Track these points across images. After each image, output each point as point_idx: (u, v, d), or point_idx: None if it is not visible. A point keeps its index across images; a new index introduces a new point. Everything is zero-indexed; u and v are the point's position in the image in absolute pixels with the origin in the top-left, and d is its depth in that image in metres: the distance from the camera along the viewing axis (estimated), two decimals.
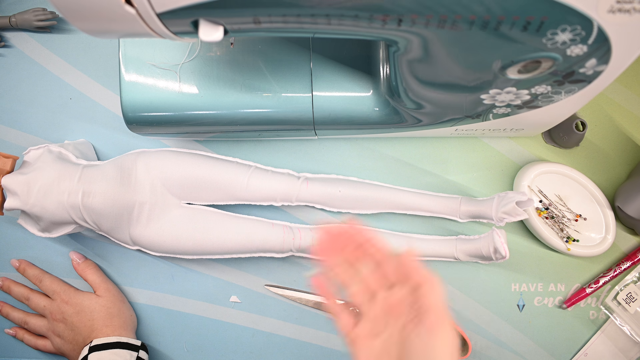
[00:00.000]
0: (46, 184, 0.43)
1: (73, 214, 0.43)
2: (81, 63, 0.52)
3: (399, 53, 0.34)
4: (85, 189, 0.43)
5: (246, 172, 0.46)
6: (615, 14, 0.26)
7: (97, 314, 0.47)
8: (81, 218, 0.44)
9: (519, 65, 0.31)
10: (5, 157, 0.44)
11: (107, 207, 0.43)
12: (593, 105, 0.50)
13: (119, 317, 0.48)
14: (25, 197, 0.43)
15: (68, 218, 0.44)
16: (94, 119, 0.52)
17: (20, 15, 0.50)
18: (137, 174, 0.44)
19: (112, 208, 0.43)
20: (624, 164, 0.50)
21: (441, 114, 0.42)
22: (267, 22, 0.27)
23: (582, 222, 0.47)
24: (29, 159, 0.46)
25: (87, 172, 0.44)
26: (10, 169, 0.44)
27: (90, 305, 0.47)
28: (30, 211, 0.44)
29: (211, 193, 0.46)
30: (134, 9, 0.25)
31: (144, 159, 0.45)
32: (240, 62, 0.42)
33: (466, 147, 0.51)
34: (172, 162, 0.45)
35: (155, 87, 0.42)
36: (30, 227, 0.46)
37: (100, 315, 0.47)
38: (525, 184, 0.48)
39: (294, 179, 0.47)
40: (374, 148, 0.51)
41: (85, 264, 0.50)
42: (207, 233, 0.45)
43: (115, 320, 0.47)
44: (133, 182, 0.44)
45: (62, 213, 0.43)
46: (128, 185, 0.44)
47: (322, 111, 0.43)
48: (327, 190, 0.46)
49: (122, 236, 0.45)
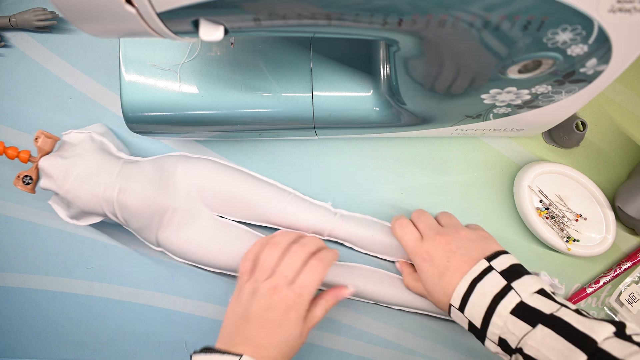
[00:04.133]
0: (84, 173, 0.43)
1: (105, 208, 0.43)
2: (81, 63, 0.52)
3: (399, 53, 0.34)
4: (122, 186, 0.43)
5: (284, 198, 0.46)
6: (615, 13, 0.26)
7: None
8: (112, 213, 0.44)
9: (519, 65, 0.31)
10: (48, 137, 0.45)
11: (141, 207, 0.43)
12: (593, 105, 0.50)
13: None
14: (61, 181, 0.43)
15: (99, 210, 0.44)
16: (94, 119, 0.52)
17: (20, 15, 0.50)
18: (176, 179, 0.44)
19: (145, 209, 0.43)
20: (624, 164, 0.50)
21: (441, 114, 0.42)
22: (267, 21, 0.27)
23: (583, 222, 0.47)
24: (69, 140, 0.45)
25: (126, 169, 0.44)
26: (49, 150, 0.45)
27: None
28: (64, 196, 0.43)
29: (246, 211, 0.45)
30: (134, 9, 0.25)
31: (185, 165, 0.45)
32: (240, 62, 0.42)
33: (466, 147, 0.51)
34: (212, 174, 0.45)
35: (156, 87, 0.42)
36: (60, 211, 0.46)
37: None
38: (525, 184, 0.48)
39: (330, 214, 0.47)
40: (374, 148, 0.51)
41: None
42: (233, 249, 0.45)
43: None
44: (170, 187, 0.44)
45: (94, 204, 0.43)
46: (165, 189, 0.44)
47: (322, 111, 0.43)
48: (361, 231, 0.46)
49: (149, 236, 0.45)
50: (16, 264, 0.52)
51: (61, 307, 0.52)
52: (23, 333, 0.52)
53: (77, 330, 0.52)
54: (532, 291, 0.36)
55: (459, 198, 0.50)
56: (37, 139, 0.45)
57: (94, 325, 0.52)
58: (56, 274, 0.52)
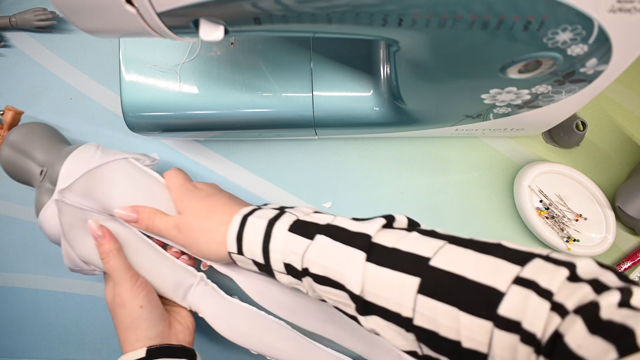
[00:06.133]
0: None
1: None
2: (81, 63, 0.52)
3: (399, 53, 0.34)
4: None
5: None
6: (615, 13, 0.26)
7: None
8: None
9: (519, 65, 0.31)
10: (9, 110, 0.46)
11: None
12: (593, 105, 0.50)
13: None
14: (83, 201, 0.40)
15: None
16: (94, 119, 0.52)
17: (20, 15, 0.50)
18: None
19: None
20: (624, 164, 0.50)
21: (441, 113, 0.42)
22: (267, 21, 0.27)
23: (583, 222, 0.47)
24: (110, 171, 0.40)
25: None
26: (11, 122, 0.46)
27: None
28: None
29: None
30: (134, 9, 0.25)
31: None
32: (240, 62, 0.42)
33: (466, 147, 0.51)
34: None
35: (156, 87, 0.42)
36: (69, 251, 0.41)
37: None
38: (525, 184, 0.48)
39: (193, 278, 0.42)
40: (374, 148, 0.51)
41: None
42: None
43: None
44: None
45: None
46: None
47: (323, 111, 0.43)
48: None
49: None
50: (16, 264, 0.52)
51: (61, 307, 0.52)
52: (23, 333, 0.52)
53: (77, 330, 0.52)
54: (307, 212, 0.35)
55: (458, 198, 0.50)
56: (3, 112, 0.46)
57: (94, 325, 0.51)
58: (56, 274, 0.52)
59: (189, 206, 0.38)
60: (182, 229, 0.38)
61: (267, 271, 0.35)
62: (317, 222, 0.33)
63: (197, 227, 0.37)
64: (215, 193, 0.39)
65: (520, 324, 0.22)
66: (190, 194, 0.39)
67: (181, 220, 0.38)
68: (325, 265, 0.31)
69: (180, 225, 0.38)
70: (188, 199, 0.39)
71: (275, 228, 0.34)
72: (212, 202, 0.38)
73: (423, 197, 0.50)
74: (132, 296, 0.38)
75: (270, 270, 0.35)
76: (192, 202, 0.38)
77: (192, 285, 0.41)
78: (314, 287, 0.32)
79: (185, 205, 0.38)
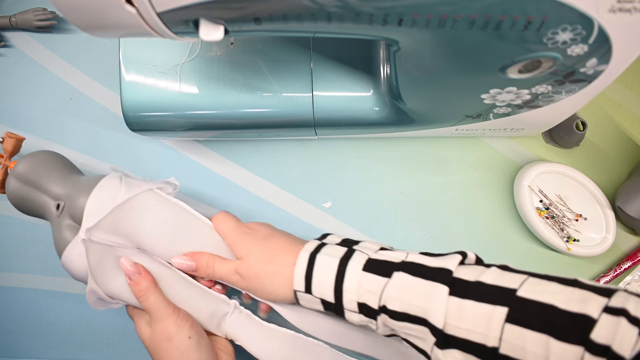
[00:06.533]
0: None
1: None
2: (81, 63, 0.52)
3: (399, 52, 0.34)
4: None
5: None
6: (615, 13, 0.26)
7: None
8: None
9: (519, 65, 0.31)
10: (10, 137, 0.42)
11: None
12: (593, 105, 0.50)
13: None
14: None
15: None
16: (94, 119, 0.52)
17: (20, 15, 0.50)
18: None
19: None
20: (624, 164, 0.50)
21: (441, 113, 0.42)
22: (267, 21, 0.27)
23: (583, 222, 0.47)
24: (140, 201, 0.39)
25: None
26: (12, 150, 0.42)
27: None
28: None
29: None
30: (134, 9, 0.25)
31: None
32: (240, 62, 0.42)
33: (466, 147, 0.51)
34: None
35: (155, 87, 0.42)
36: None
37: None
38: (525, 183, 0.48)
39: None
40: (374, 148, 0.51)
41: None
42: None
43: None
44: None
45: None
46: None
47: (323, 111, 0.43)
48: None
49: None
50: (16, 264, 0.52)
51: (61, 307, 0.52)
52: (23, 333, 0.52)
53: (77, 330, 0.52)
54: (375, 249, 0.35)
55: (458, 198, 0.50)
56: (3, 140, 0.42)
57: (94, 325, 0.51)
58: (56, 274, 0.52)
59: (248, 252, 0.37)
60: (245, 275, 0.37)
61: (336, 310, 0.35)
62: (391, 260, 0.33)
63: (260, 272, 0.36)
64: (273, 234, 0.38)
65: (610, 347, 0.24)
66: (248, 237, 0.38)
67: (242, 266, 0.37)
68: (405, 301, 0.31)
69: (242, 271, 0.37)
70: (247, 242, 0.37)
71: (349, 268, 0.33)
72: (272, 245, 0.37)
73: (423, 197, 0.50)
74: (179, 329, 0.36)
75: (340, 310, 0.34)
76: (252, 247, 0.37)
77: (227, 313, 0.40)
78: (389, 324, 0.32)
79: (245, 251, 0.37)
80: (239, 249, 0.38)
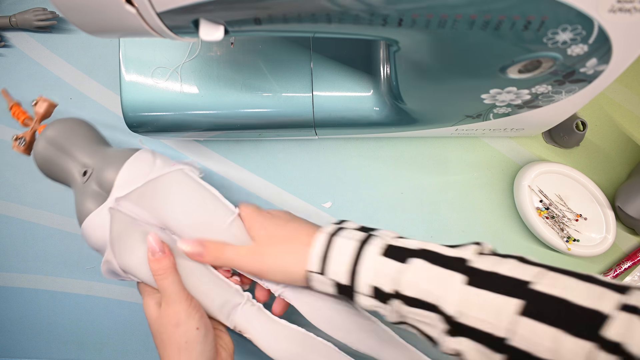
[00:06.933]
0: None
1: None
2: (81, 63, 0.52)
3: (399, 53, 0.34)
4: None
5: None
6: (615, 13, 0.26)
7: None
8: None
9: (519, 65, 0.31)
10: (44, 101, 0.42)
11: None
12: (593, 105, 0.50)
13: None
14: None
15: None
16: (94, 119, 0.52)
17: (20, 15, 0.50)
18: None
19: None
20: (624, 164, 0.50)
21: (441, 113, 0.42)
22: (267, 21, 0.27)
23: (583, 222, 0.47)
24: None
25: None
26: (44, 113, 0.42)
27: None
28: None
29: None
30: (134, 9, 0.25)
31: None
32: (240, 62, 0.42)
33: (466, 147, 0.51)
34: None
35: (155, 87, 0.42)
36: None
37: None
38: (525, 184, 0.48)
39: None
40: (374, 148, 0.51)
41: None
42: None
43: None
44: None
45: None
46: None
47: (323, 111, 0.43)
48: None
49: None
50: (16, 264, 0.52)
51: (61, 307, 0.52)
52: (23, 333, 0.52)
53: (77, 330, 0.52)
54: (392, 236, 0.35)
55: (458, 198, 0.50)
56: (36, 103, 0.43)
57: (94, 325, 0.52)
58: (56, 274, 0.52)
59: (267, 232, 0.37)
60: (259, 253, 0.37)
61: (346, 293, 0.35)
62: (409, 247, 0.33)
63: (276, 250, 0.36)
64: (293, 219, 0.39)
65: (622, 345, 0.24)
66: (267, 220, 0.38)
67: (258, 248, 0.37)
68: (420, 287, 0.31)
69: (257, 251, 0.37)
70: (266, 222, 0.38)
71: (367, 251, 0.33)
72: (291, 227, 0.37)
73: (423, 197, 0.50)
74: (188, 317, 0.36)
75: (351, 293, 0.34)
76: (271, 227, 0.38)
77: (239, 305, 0.40)
78: (400, 309, 0.32)
79: (263, 232, 0.37)
80: (257, 230, 0.38)
